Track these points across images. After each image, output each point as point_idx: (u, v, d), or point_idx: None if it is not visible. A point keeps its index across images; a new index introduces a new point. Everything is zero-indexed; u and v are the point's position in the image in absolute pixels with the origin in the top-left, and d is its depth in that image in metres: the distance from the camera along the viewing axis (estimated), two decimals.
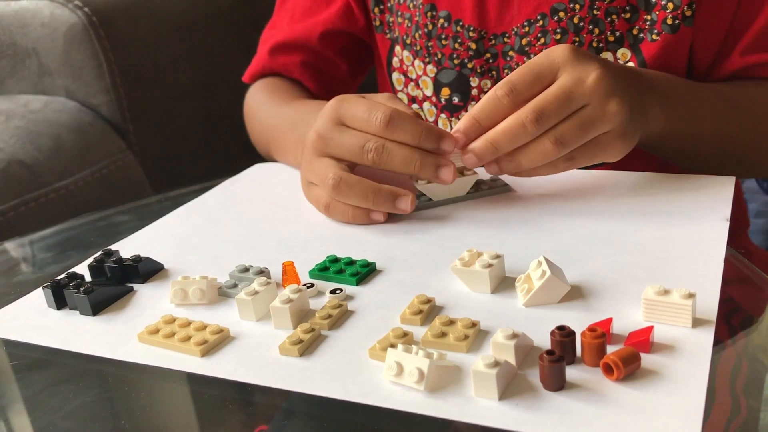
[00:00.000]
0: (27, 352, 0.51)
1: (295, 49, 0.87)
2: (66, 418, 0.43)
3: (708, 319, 0.43)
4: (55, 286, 0.55)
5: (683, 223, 0.55)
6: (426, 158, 0.58)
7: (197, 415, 0.45)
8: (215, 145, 1.32)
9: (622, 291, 0.47)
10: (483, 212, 0.61)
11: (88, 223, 0.72)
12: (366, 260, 0.54)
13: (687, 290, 0.42)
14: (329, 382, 0.42)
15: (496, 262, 0.49)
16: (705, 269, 0.48)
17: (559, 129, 0.56)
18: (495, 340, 0.40)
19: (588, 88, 0.56)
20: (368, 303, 0.50)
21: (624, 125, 0.57)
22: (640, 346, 0.40)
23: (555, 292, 0.46)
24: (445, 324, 0.44)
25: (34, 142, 0.99)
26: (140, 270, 0.57)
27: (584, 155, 0.58)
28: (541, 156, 0.57)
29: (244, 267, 0.55)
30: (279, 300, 0.48)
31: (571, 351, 0.40)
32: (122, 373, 0.47)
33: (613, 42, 0.71)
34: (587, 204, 0.60)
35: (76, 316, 0.53)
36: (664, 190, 0.61)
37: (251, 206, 0.69)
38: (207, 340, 0.47)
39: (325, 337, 0.46)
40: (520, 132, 0.56)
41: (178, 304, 0.53)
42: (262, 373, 0.43)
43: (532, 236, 0.56)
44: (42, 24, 1.11)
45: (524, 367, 0.41)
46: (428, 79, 0.79)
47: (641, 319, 0.44)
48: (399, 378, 0.40)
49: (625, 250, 0.52)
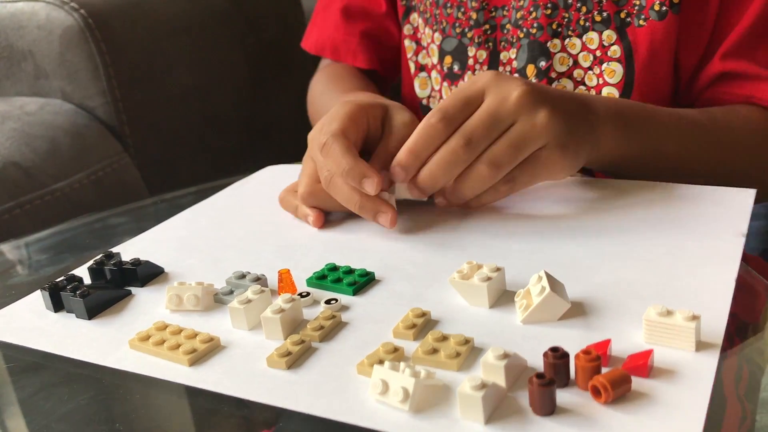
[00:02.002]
0: (21, 354, 0.50)
1: (359, 17, 0.90)
2: (60, 420, 0.43)
3: (713, 343, 0.41)
4: (53, 288, 0.54)
5: (696, 237, 0.52)
6: (365, 202, 0.57)
7: (192, 420, 0.44)
8: (211, 147, 1.31)
9: (624, 310, 0.45)
10: (489, 222, 0.59)
11: (84, 225, 0.72)
12: (365, 270, 0.53)
13: (691, 312, 0.40)
14: (314, 398, 0.41)
15: (496, 276, 0.47)
16: (714, 288, 0.46)
17: (492, 151, 0.55)
18: (485, 360, 0.39)
19: (512, 104, 0.55)
20: (363, 314, 0.48)
21: (560, 138, 0.55)
22: (638, 370, 0.38)
23: (554, 309, 0.44)
24: (437, 340, 0.43)
25: (29, 144, 0.99)
26: (139, 273, 0.56)
27: (524, 174, 0.56)
28: (479, 182, 0.55)
29: (241, 273, 0.54)
30: (270, 310, 0.47)
31: (565, 374, 0.39)
32: (116, 376, 0.46)
33: (599, 22, 0.71)
34: (597, 214, 0.58)
35: (72, 319, 0.53)
36: (678, 201, 0.58)
37: (258, 209, 0.68)
38: (196, 349, 0.46)
39: (316, 349, 0.45)
40: (453, 159, 0.55)
41: (173, 310, 0.52)
42: (248, 386, 0.42)
43: (537, 248, 0.54)
44: (38, 26, 1.11)
45: (516, 388, 0.39)
46: (435, 47, 0.81)
47: (642, 341, 0.42)
48: (384, 396, 0.39)
49: (632, 265, 0.50)
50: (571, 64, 0.73)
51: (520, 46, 0.75)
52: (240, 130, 1.36)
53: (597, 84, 0.73)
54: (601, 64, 0.72)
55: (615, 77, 0.72)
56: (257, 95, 1.39)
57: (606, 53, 0.72)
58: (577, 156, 0.58)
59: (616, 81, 0.72)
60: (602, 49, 0.72)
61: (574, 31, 0.72)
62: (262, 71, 1.39)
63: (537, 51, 0.74)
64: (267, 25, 1.40)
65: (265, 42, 1.40)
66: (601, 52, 0.72)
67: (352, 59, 0.91)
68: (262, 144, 1.40)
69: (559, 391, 0.38)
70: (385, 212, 0.57)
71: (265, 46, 1.40)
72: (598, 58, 0.72)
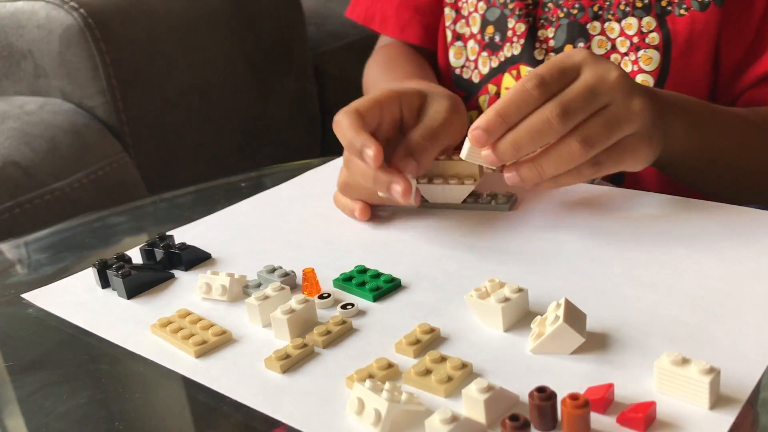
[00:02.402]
0: (21, 353, 0.52)
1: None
2: (59, 419, 0.44)
3: (735, 399, 0.36)
4: (102, 265, 0.57)
5: (758, 273, 0.47)
6: (379, 175, 0.55)
7: (192, 420, 0.44)
8: (210, 146, 1.30)
9: (648, 350, 0.41)
10: (537, 236, 0.56)
11: (84, 224, 0.73)
12: (391, 276, 0.51)
13: (709, 364, 0.36)
14: (294, 408, 0.40)
15: (516, 297, 0.44)
16: (759, 337, 0.40)
17: (586, 128, 0.51)
18: (466, 392, 0.36)
19: (611, 84, 0.52)
20: (375, 323, 0.47)
21: (648, 127, 0.53)
22: (633, 423, 0.35)
23: (567, 342, 0.41)
24: (434, 361, 0.41)
25: (29, 144, 1.01)
26: (183, 258, 0.58)
27: (610, 159, 0.53)
28: (567, 159, 0.51)
29: (272, 267, 0.54)
30: (281, 310, 0.46)
31: (551, 417, 0.35)
32: (116, 374, 0.48)
33: (640, 8, 0.70)
34: (653, 236, 0.53)
35: (114, 297, 0.55)
36: (748, 229, 0.52)
37: (317, 202, 0.68)
38: (206, 341, 0.46)
39: (317, 354, 0.44)
40: (545, 128, 0.50)
41: (204, 297, 0.53)
42: (239, 386, 0.42)
43: (580, 269, 0.50)
44: (38, 25, 1.12)
45: (498, 425, 0.36)
46: (478, 15, 0.79)
47: (654, 389, 0.37)
48: (359, 416, 0.37)
49: (674, 300, 0.45)
50: (609, 48, 0.72)
51: (559, 26, 0.74)
52: (239, 130, 1.36)
53: (631, 71, 0.71)
54: (637, 51, 0.70)
55: (651, 65, 0.70)
56: (257, 94, 1.38)
57: (644, 40, 0.70)
58: (657, 149, 0.55)
59: (652, 69, 0.70)
60: (640, 35, 0.70)
61: (614, 15, 0.71)
62: (262, 71, 1.38)
63: (576, 32, 0.73)
64: (267, 24, 1.38)
65: (265, 41, 1.38)
66: (639, 39, 0.70)
67: (399, 33, 0.88)
68: (261, 143, 1.40)
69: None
70: (398, 182, 0.54)
71: (264, 46, 1.38)
72: (635, 44, 0.70)
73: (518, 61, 0.76)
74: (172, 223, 0.68)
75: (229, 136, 1.34)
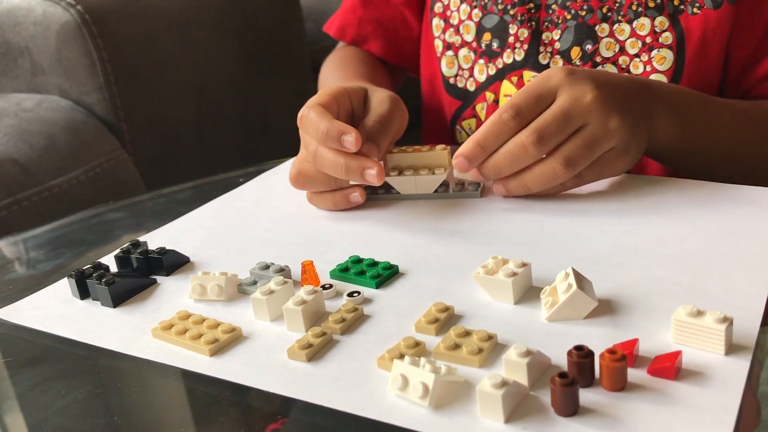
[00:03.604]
0: (20, 349, 0.51)
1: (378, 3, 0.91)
2: (58, 414, 0.43)
3: (746, 346, 0.39)
4: (80, 275, 0.55)
5: (730, 236, 0.51)
6: (351, 162, 0.57)
7: (192, 413, 0.44)
8: (208, 143, 1.31)
9: (654, 308, 0.44)
10: (517, 216, 0.58)
11: (82, 220, 0.72)
12: (389, 262, 0.52)
13: (723, 314, 0.39)
14: (333, 391, 0.40)
15: (522, 271, 0.46)
16: (748, 289, 0.44)
17: (566, 149, 0.56)
18: (507, 358, 0.38)
19: (585, 106, 0.56)
20: (385, 308, 0.48)
21: (626, 141, 0.58)
22: (665, 372, 0.37)
23: (581, 307, 0.43)
24: (460, 335, 0.42)
25: (27, 141, 0.99)
26: (165, 263, 0.57)
27: (591, 173, 0.58)
28: (551, 178, 0.57)
29: (265, 264, 0.54)
30: (293, 301, 0.46)
31: (589, 373, 0.38)
32: (114, 371, 0.47)
33: (652, 8, 0.70)
34: (628, 210, 0.56)
35: (98, 307, 0.53)
36: (717, 200, 0.57)
37: (284, 200, 0.68)
38: (217, 339, 0.46)
39: (337, 342, 0.45)
40: (522, 154, 0.56)
41: (196, 299, 0.52)
42: (267, 378, 0.42)
43: (565, 243, 0.53)
44: (34, 22, 1.11)
45: (538, 387, 0.38)
46: (472, 23, 0.80)
47: (671, 342, 0.40)
48: (403, 392, 0.38)
49: (663, 263, 0.49)
50: (617, 50, 0.72)
51: (565, 28, 0.74)
52: (236, 126, 1.36)
53: (643, 71, 0.72)
54: (650, 51, 0.71)
55: (665, 64, 0.71)
56: (254, 91, 1.39)
57: (657, 39, 0.71)
58: (636, 157, 0.60)
59: (666, 68, 0.71)
60: (653, 35, 0.71)
61: (625, 16, 0.72)
62: (259, 67, 1.39)
63: (584, 33, 0.73)
64: (263, 20, 1.39)
65: (262, 38, 1.39)
66: (652, 39, 0.71)
67: (365, 45, 0.92)
68: (258, 139, 1.40)
69: (583, 390, 0.37)
70: (371, 167, 0.57)
71: (261, 42, 1.39)
72: (648, 44, 0.71)
73: (521, 66, 0.76)
74: (170, 218, 0.67)
75: (227, 133, 1.33)
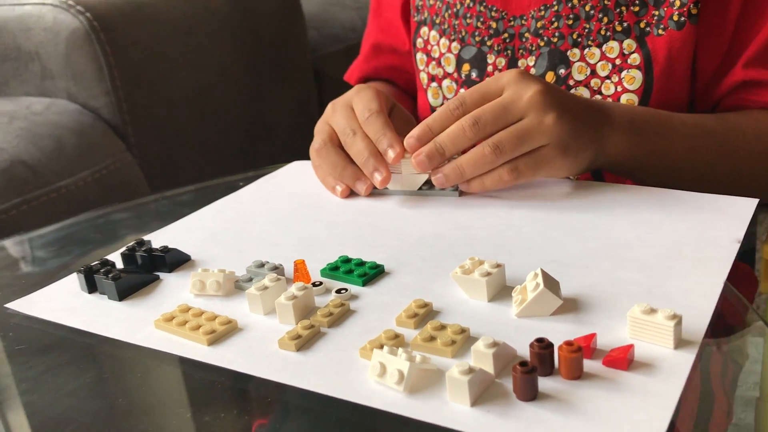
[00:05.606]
0: (33, 336, 0.55)
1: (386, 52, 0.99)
2: (68, 396, 0.48)
3: (693, 341, 0.43)
4: (88, 271, 0.59)
5: (692, 241, 0.55)
6: (369, 159, 0.67)
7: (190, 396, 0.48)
8: (211, 146, 1.35)
9: (614, 307, 0.48)
10: (495, 222, 0.62)
11: (89, 220, 0.77)
12: (375, 262, 0.56)
13: (672, 311, 0.43)
14: (319, 378, 0.44)
15: (496, 272, 0.50)
16: (702, 290, 0.48)
17: (497, 136, 0.62)
18: (475, 348, 0.42)
19: (525, 101, 0.61)
20: (370, 304, 0.52)
21: (563, 140, 0.61)
22: (618, 363, 0.41)
23: (547, 305, 0.47)
24: (436, 329, 0.46)
25: (36, 143, 1.04)
26: (167, 260, 0.61)
27: (527, 167, 0.62)
28: (481, 162, 0.62)
29: (260, 262, 0.58)
30: (284, 296, 0.50)
31: (549, 363, 0.42)
32: (120, 358, 0.51)
33: (620, 32, 0.75)
34: (598, 217, 0.60)
35: (104, 300, 0.57)
36: (680, 207, 0.61)
37: (281, 204, 0.72)
38: (215, 330, 0.50)
39: (324, 333, 0.49)
40: (460, 134, 0.63)
41: (196, 294, 0.56)
42: (260, 365, 0.46)
43: (539, 247, 0.57)
44: (45, 28, 1.15)
45: (504, 375, 0.42)
46: (452, 56, 0.85)
47: (627, 337, 0.44)
48: (382, 378, 0.42)
49: (627, 265, 0.53)
50: (588, 74, 0.76)
51: (539, 54, 0.78)
52: (239, 130, 1.41)
53: (615, 92, 0.76)
54: (620, 72, 0.75)
55: (635, 84, 0.75)
56: (256, 96, 1.43)
57: (626, 61, 0.75)
58: (577, 158, 0.63)
59: (636, 87, 0.75)
60: (622, 57, 0.75)
61: (594, 40, 0.75)
62: (262, 73, 1.43)
63: (557, 59, 0.77)
64: (268, 28, 1.44)
65: (265, 45, 1.44)
66: (621, 60, 0.75)
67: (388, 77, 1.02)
68: (260, 143, 1.45)
69: (543, 379, 0.41)
70: (382, 172, 0.67)
71: (264, 49, 1.44)
72: (618, 66, 0.75)
73: None
74: (173, 219, 0.71)
75: (230, 137, 1.38)
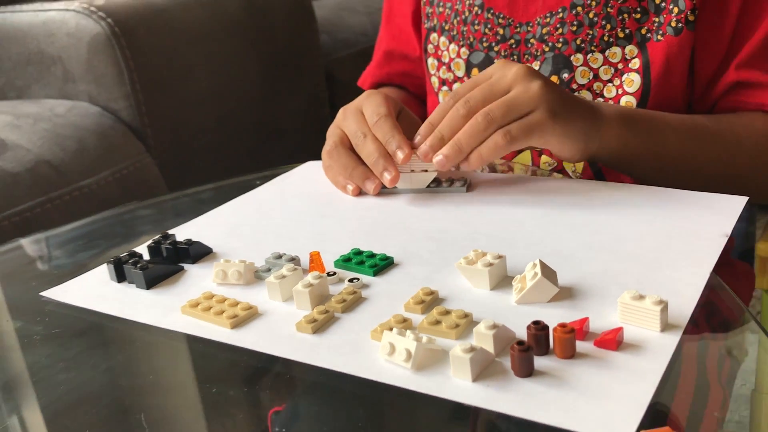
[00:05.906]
0: (68, 322, 0.60)
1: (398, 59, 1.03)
2: (104, 373, 0.53)
3: (678, 325, 0.47)
4: (117, 262, 0.63)
5: (683, 236, 0.59)
6: (379, 160, 0.70)
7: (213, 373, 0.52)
8: (226, 148, 1.40)
9: (607, 294, 0.51)
10: (499, 217, 0.66)
11: (114, 216, 0.82)
12: (385, 254, 0.60)
13: (659, 297, 0.47)
14: (334, 356, 0.48)
15: (498, 262, 0.54)
16: (689, 279, 0.52)
17: (488, 107, 0.66)
18: (477, 330, 0.46)
19: (510, 77, 0.66)
20: (380, 292, 0.56)
21: (551, 105, 0.65)
22: (608, 344, 0.45)
23: (545, 292, 0.51)
24: (441, 314, 0.50)
25: (59, 144, 1.09)
26: (191, 252, 0.65)
27: (520, 130, 0.65)
28: (475, 131, 0.65)
29: (278, 254, 0.62)
30: (301, 284, 0.54)
31: (544, 344, 0.45)
32: (149, 340, 0.55)
33: (622, 38, 0.78)
34: (595, 213, 0.64)
35: (133, 289, 0.61)
36: (672, 204, 0.64)
37: (297, 201, 0.76)
38: (237, 315, 0.54)
39: (338, 318, 0.53)
40: (455, 116, 0.67)
41: (219, 283, 0.60)
42: (279, 346, 0.50)
43: (538, 239, 0.61)
44: (67, 33, 1.20)
45: (503, 356, 0.46)
46: (461, 61, 0.90)
47: (618, 321, 0.48)
48: (391, 357, 0.46)
49: (621, 257, 0.56)
50: (591, 78, 0.80)
51: (544, 59, 0.82)
52: (253, 132, 1.46)
53: (616, 94, 0.80)
54: (621, 76, 0.79)
55: (633, 86, 0.79)
56: (270, 99, 1.48)
57: (627, 65, 0.79)
58: (567, 127, 0.66)
59: (634, 90, 0.79)
60: (624, 62, 0.79)
61: (598, 46, 0.79)
62: (275, 76, 1.48)
63: (561, 63, 0.81)
64: (280, 33, 1.49)
65: (278, 49, 1.49)
66: (623, 65, 0.79)
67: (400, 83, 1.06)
68: (273, 145, 1.50)
69: (539, 358, 0.45)
70: (391, 172, 0.70)
71: (278, 53, 1.49)
72: (619, 70, 0.79)
73: None
74: (193, 216, 0.75)
75: (244, 138, 1.43)
